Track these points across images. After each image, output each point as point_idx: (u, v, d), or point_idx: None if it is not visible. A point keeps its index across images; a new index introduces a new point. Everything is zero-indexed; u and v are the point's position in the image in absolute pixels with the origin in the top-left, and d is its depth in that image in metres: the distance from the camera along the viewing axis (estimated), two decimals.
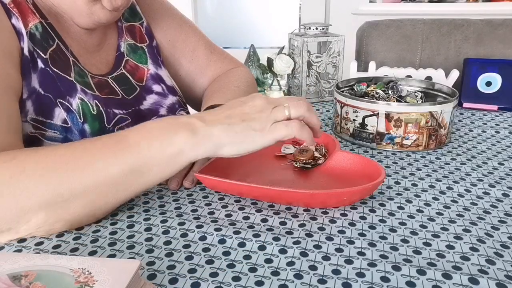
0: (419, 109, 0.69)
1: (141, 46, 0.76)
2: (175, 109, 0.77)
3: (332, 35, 0.98)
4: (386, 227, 0.48)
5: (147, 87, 0.74)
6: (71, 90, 0.61)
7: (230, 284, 0.39)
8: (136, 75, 0.73)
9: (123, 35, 0.74)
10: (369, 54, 1.26)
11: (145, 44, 0.77)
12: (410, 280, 0.39)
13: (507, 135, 0.79)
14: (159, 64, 0.77)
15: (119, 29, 0.74)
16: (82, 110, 0.61)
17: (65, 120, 0.60)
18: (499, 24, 1.17)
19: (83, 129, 0.61)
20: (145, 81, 0.74)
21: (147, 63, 0.75)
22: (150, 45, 0.77)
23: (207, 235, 0.47)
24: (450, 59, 1.18)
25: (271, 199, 0.54)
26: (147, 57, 0.76)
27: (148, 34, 0.78)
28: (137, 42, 0.76)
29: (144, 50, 0.76)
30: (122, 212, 0.52)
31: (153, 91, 0.74)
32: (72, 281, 0.32)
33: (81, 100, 0.61)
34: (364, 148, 0.73)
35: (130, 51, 0.74)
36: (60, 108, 0.60)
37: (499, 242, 0.45)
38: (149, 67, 0.75)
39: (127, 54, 0.73)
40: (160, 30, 0.80)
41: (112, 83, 0.69)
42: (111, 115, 0.65)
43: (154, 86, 0.75)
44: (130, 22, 0.76)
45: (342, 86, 0.85)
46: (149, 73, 0.75)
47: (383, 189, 0.57)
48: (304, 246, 0.45)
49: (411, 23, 1.23)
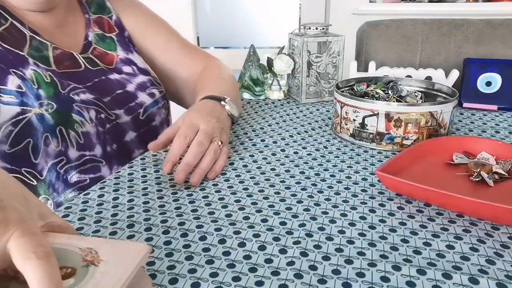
0: (419, 109, 0.69)
1: (109, 36, 0.80)
2: (146, 87, 0.80)
3: (332, 35, 0.98)
4: (386, 227, 0.48)
5: (117, 68, 0.78)
6: (23, 63, 0.65)
7: (230, 284, 0.39)
8: (105, 59, 0.77)
9: (90, 26, 0.79)
10: (369, 54, 1.26)
11: (114, 34, 0.81)
12: (410, 280, 0.39)
13: (507, 135, 0.79)
14: (130, 51, 0.82)
15: (87, 20, 0.79)
16: (35, 79, 0.65)
17: (20, 85, 0.64)
18: (499, 24, 1.17)
19: (38, 93, 0.64)
20: (114, 64, 0.78)
21: (116, 50, 0.80)
22: (121, 35, 0.82)
23: (207, 235, 0.47)
24: (450, 59, 1.18)
25: (458, 209, 0.51)
26: (116, 45, 0.80)
27: (117, 25, 0.82)
28: (106, 32, 0.80)
29: (113, 39, 0.80)
30: (122, 212, 0.52)
31: (123, 71, 0.78)
32: (79, 259, 0.33)
33: (34, 71, 0.65)
34: (364, 148, 0.73)
35: (98, 40, 0.78)
36: (13, 76, 0.64)
37: (499, 242, 0.45)
38: (118, 53, 0.80)
39: (95, 42, 0.78)
40: (128, 22, 0.85)
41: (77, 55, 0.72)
42: (65, 84, 0.68)
43: (124, 67, 0.79)
44: (98, 14, 0.81)
45: (342, 86, 0.85)
46: (118, 58, 0.79)
47: (383, 189, 0.57)
48: (304, 246, 0.45)
49: (411, 23, 1.23)
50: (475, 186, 0.58)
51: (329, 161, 0.67)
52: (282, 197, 0.56)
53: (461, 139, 0.69)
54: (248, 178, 0.61)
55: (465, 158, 0.64)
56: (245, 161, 0.67)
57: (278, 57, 1.01)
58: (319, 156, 0.69)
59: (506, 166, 0.60)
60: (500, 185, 0.58)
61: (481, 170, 0.59)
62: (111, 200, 0.55)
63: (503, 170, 0.60)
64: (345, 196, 0.56)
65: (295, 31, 1.03)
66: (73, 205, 0.54)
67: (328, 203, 0.54)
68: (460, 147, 0.67)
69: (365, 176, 0.61)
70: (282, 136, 0.79)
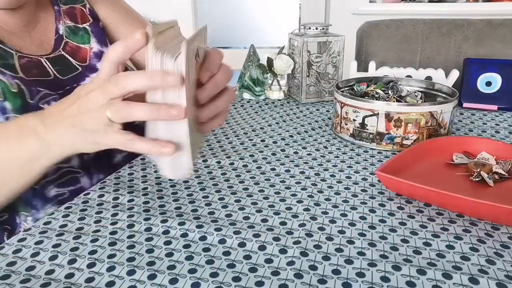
0: (419, 109, 0.69)
1: (83, 27, 0.75)
2: None
3: (332, 35, 0.98)
4: (386, 227, 0.48)
5: (91, 66, 0.74)
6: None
7: (230, 284, 0.39)
8: (78, 55, 0.73)
9: (61, 18, 0.73)
10: (369, 54, 1.26)
11: (88, 23, 0.76)
12: (410, 280, 0.39)
13: (507, 135, 0.79)
14: (105, 43, 0.77)
15: (56, 12, 0.74)
16: (1, 89, 0.59)
17: None
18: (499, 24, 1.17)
19: (4, 106, 0.59)
20: (88, 60, 0.74)
21: (89, 42, 0.75)
22: (95, 24, 0.77)
23: (207, 235, 0.47)
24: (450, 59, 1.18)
25: (458, 208, 0.51)
26: (89, 36, 0.75)
27: (92, 14, 0.78)
28: (78, 24, 0.75)
29: (87, 30, 0.76)
30: (122, 212, 0.52)
31: (97, 69, 0.74)
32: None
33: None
34: (364, 148, 0.73)
35: (69, 33, 0.74)
36: None
37: (499, 242, 0.45)
38: (92, 45, 0.75)
39: (67, 36, 0.73)
40: (103, 12, 0.80)
41: (45, 63, 0.67)
42: (34, 91, 0.62)
43: (98, 64, 0.74)
44: (69, 4, 0.76)
45: (342, 86, 0.85)
46: (92, 51, 0.75)
47: (383, 189, 0.57)
48: (304, 246, 0.45)
49: (411, 23, 1.23)
50: (475, 186, 0.58)
51: (329, 161, 0.67)
52: (282, 197, 0.56)
53: (461, 139, 0.69)
54: (248, 178, 0.61)
55: (465, 158, 0.64)
56: (245, 161, 0.67)
57: (278, 57, 1.01)
58: (319, 156, 0.69)
59: (506, 166, 0.61)
60: (500, 185, 0.58)
61: (481, 170, 0.59)
62: (111, 200, 0.55)
63: (503, 170, 0.60)
64: (345, 196, 0.56)
65: (295, 31, 1.03)
66: (73, 205, 0.54)
67: (328, 203, 0.54)
68: (460, 147, 0.67)
69: (365, 176, 0.61)
70: (282, 136, 0.79)
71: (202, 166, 0.65)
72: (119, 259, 0.43)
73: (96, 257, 0.43)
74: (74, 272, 0.41)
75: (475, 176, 0.58)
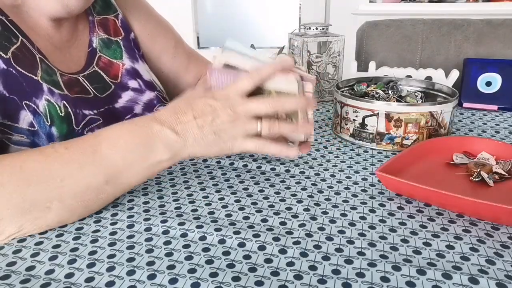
0: (419, 109, 0.69)
1: (115, 40, 0.73)
2: (153, 105, 0.75)
3: (332, 35, 0.98)
4: (386, 227, 0.48)
5: (123, 83, 0.72)
6: (36, 90, 0.58)
7: (230, 284, 0.39)
8: (111, 72, 0.71)
9: (95, 30, 0.71)
10: (369, 54, 1.26)
11: (120, 38, 0.74)
12: (410, 280, 0.39)
13: (507, 135, 0.79)
14: (136, 58, 0.75)
15: (91, 23, 0.71)
16: (49, 113, 0.58)
17: (32, 123, 0.58)
18: (499, 24, 1.17)
19: (51, 132, 0.59)
20: (120, 78, 0.72)
21: (122, 58, 0.73)
22: (127, 38, 0.75)
23: (207, 235, 0.47)
24: (450, 59, 1.18)
25: (458, 208, 0.51)
26: (122, 51, 0.73)
27: (124, 27, 0.75)
28: (111, 36, 0.73)
29: (119, 44, 0.73)
30: (122, 212, 0.52)
31: (129, 87, 0.72)
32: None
33: (48, 102, 0.59)
34: (364, 148, 0.73)
35: (103, 46, 0.71)
36: (26, 110, 0.57)
37: (499, 242, 0.45)
38: (124, 61, 0.73)
39: (100, 50, 0.71)
40: (138, 23, 0.78)
41: (83, 82, 0.66)
42: (80, 116, 0.62)
43: (130, 82, 0.73)
44: (103, 15, 0.73)
45: (342, 86, 0.85)
46: (124, 68, 0.73)
47: (383, 189, 0.57)
48: (304, 246, 0.45)
49: (411, 23, 1.23)
50: (475, 186, 0.58)
51: (329, 161, 0.67)
52: (282, 197, 0.56)
53: (461, 139, 0.69)
54: (248, 178, 0.61)
55: (465, 158, 0.64)
56: (245, 161, 0.67)
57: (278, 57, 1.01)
58: (319, 156, 0.69)
59: (506, 166, 0.60)
60: (500, 185, 0.58)
61: (481, 170, 0.59)
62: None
63: (503, 170, 0.60)
64: (345, 196, 0.56)
65: (295, 31, 1.03)
66: None
67: (328, 203, 0.54)
68: (460, 147, 0.67)
69: (365, 176, 0.61)
70: None
71: (202, 166, 0.65)
72: (119, 259, 0.43)
73: (96, 257, 0.43)
74: (74, 272, 0.41)
75: (475, 176, 0.58)
